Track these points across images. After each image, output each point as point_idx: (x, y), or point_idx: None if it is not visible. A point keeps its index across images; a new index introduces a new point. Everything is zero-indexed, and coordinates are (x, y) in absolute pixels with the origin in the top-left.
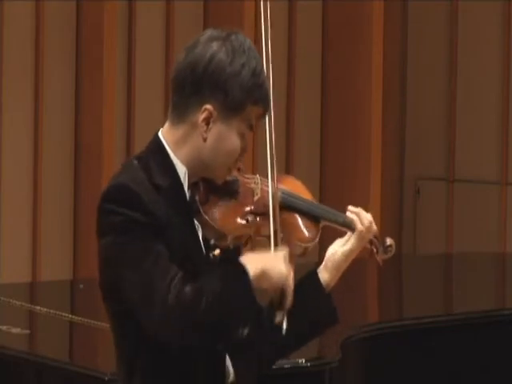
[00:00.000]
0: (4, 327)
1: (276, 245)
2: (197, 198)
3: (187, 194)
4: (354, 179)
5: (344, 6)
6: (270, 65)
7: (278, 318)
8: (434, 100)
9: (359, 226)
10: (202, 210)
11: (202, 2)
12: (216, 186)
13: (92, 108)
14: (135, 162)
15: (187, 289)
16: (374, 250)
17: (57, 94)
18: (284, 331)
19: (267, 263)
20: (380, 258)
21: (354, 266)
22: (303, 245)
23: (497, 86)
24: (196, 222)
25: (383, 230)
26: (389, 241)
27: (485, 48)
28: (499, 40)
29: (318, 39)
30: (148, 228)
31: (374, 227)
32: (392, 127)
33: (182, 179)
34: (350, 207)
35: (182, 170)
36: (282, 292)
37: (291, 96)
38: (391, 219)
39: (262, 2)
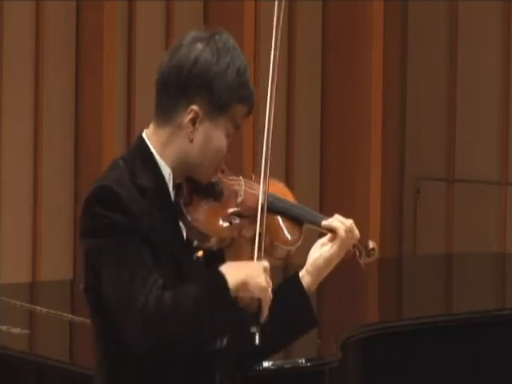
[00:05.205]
0: (4, 327)
1: (260, 247)
2: (181, 199)
3: (172, 195)
4: (353, 179)
5: (344, 6)
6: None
7: (252, 330)
8: (434, 100)
9: (342, 233)
10: (185, 211)
11: (202, 1)
12: (199, 187)
13: (92, 108)
14: (121, 162)
15: (166, 297)
16: (357, 253)
17: (57, 94)
18: (257, 342)
19: (247, 274)
20: (363, 261)
21: (355, 267)
22: (286, 248)
23: (497, 86)
24: (180, 223)
25: (383, 230)
26: (371, 244)
27: (485, 48)
28: (499, 40)
29: (318, 39)
30: (132, 232)
31: (357, 232)
32: (392, 127)
33: (166, 180)
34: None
35: (166, 171)
36: (259, 304)
37: (291, 96)
38: (391, 219)
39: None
